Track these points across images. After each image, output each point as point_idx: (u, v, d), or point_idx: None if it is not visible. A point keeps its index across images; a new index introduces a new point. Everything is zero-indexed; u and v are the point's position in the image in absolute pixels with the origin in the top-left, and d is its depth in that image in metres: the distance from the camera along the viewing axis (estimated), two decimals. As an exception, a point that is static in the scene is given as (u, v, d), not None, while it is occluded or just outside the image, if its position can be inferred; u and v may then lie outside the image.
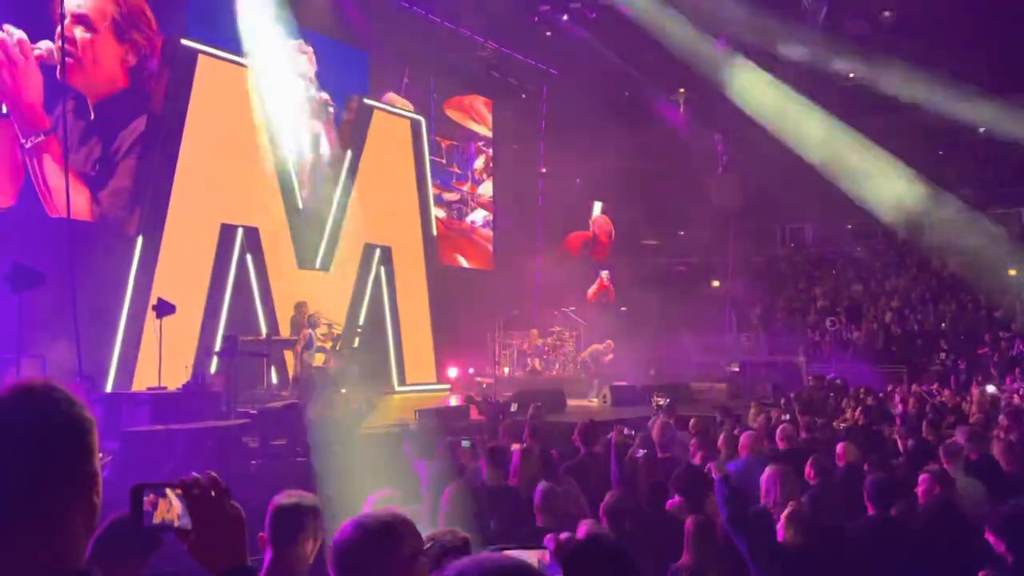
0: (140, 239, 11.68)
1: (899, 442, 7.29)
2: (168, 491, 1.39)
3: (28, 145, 10.81)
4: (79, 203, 11.20)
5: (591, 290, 21.26)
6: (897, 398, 12.24)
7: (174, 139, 12.22)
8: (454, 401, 12.91)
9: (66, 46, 11.14)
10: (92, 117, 11.67)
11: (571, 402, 13.63)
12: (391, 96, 16.94)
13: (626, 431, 6.19)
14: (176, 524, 1.38)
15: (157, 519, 1.37)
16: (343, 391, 11.16)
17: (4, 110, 10.65)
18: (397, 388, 15.43)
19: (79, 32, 11.44)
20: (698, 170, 21.74)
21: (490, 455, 5.37)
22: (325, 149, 15.35)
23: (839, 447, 6.14)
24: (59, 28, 11.01)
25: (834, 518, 4.64)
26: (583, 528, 3.45)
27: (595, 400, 14.72)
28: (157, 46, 12.45)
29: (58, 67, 10.92)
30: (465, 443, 5.67)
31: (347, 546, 1.62)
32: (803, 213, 24.19)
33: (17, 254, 8.23)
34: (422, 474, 6.06)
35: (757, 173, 20.60)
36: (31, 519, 1.14)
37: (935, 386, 14.36)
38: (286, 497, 2.80)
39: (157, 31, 12.45)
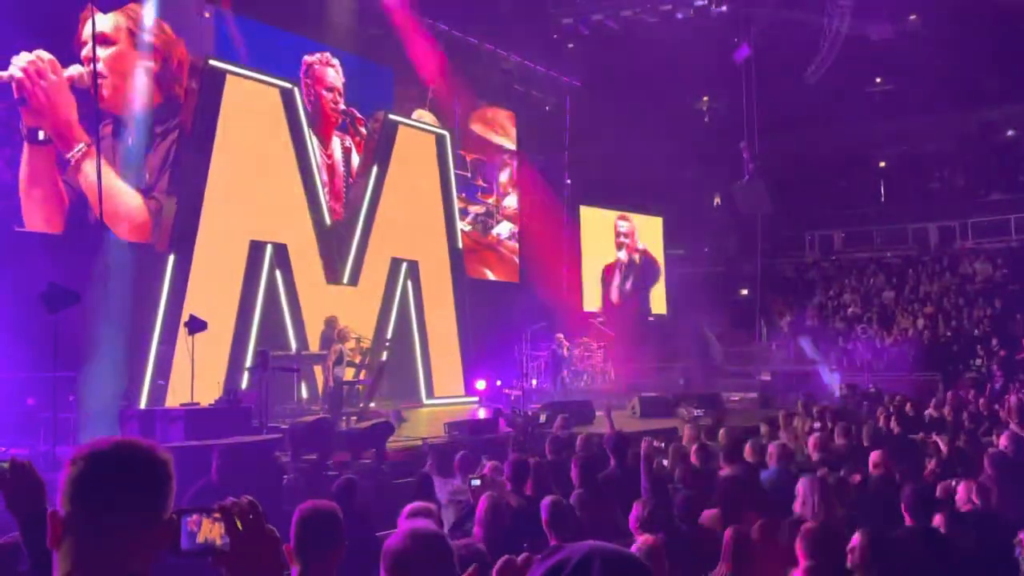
0: (172, 257, 11.88)
1: (935, 450, 7.16)
2: (209, 514, 1.45)
3: (72, 159, 11.07)
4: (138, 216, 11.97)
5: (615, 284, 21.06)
6: (932, 406, 12.01)
7: (204, 158, 12.42)
8: (482, 414, 12.90)
9: (98, 69, 11.42)
10: (134, 137, 11.97)
11: (600, 414, 13.52)
12: (416, 111, 17.07)
13: (655, 443, 6.13)
14: (218, 546, 1.44)
15: (200, 539, 1.43)
16: (372, 404, 11.21)
17: (42, 136, 10.89)
18: (425, 401, 15.47)
19: (102, 51, 11.67)
20: (725, 177, 21.63)
21: (511, 470, 5.32)
22: (352, 164, 15.52)
23: (872, 456, 6.03)
24: (89, 52, 11.31)
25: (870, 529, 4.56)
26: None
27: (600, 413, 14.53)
28: (176, 50, 12.63)
29: (93, 90, 11.16)
30: (475, 482, 5.39)
31: (405, 555, 1.63)
32: (832, 219, 23.97)
33: (55, 273, 8.38)
34: (440, 488, 6.05)
35: (785, 179, 20.44)
36: (136, 543, 1.38)
37: (971, 393, 14.06)
38: (312, 507, 2.77)
39: (174, 35, 12.60)
